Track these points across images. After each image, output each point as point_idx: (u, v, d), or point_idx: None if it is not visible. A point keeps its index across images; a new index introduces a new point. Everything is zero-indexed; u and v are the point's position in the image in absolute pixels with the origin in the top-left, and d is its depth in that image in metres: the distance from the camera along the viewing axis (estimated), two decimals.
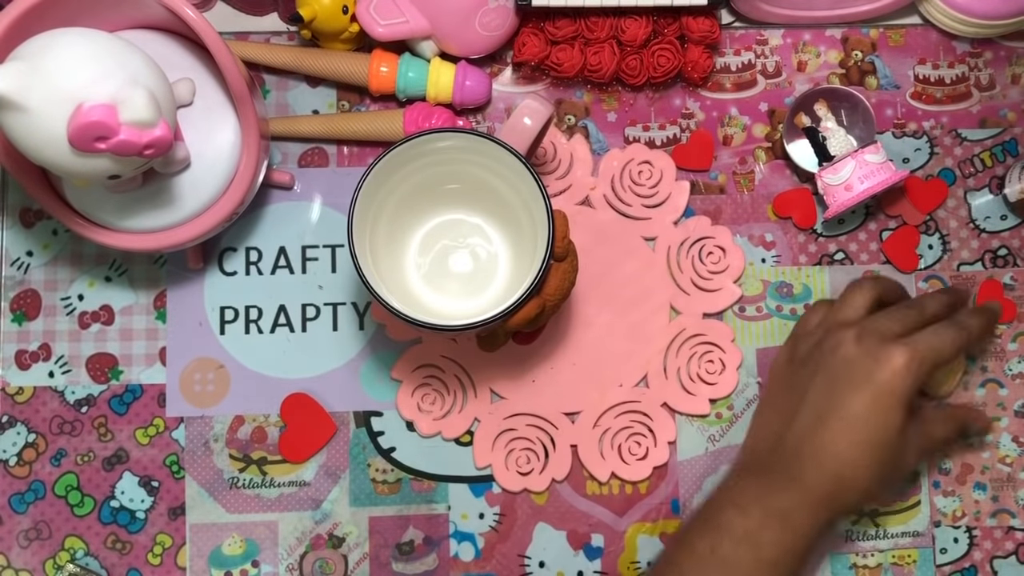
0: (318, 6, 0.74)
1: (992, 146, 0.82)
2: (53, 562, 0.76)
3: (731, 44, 0.82)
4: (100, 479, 0.77)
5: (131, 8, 0.69)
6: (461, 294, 0.74)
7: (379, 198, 0.69)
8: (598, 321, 0.79)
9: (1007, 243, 0.81)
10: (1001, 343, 0.80)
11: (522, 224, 0.71)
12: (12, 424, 0.77)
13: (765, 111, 0.82)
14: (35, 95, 0.56)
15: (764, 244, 0.80)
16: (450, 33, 0.77)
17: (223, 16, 0.81)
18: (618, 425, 0.78)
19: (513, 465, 0.78)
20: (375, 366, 0.79)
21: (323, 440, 0.78)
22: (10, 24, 0.63)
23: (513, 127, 0.67)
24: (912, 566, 0.78)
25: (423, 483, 0.78)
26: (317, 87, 0.81)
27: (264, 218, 0.80)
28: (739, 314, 0.80)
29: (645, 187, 0.80)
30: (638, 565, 0.78)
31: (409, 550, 0.77)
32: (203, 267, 0.79)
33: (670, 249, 0.80)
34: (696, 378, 0.79)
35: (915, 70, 0.82)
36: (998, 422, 0.80)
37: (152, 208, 0.70)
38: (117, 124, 0.57)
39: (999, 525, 0.79)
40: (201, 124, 0.71)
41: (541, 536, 0.78)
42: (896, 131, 0.82)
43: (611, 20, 0.78)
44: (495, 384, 0.78)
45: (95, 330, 0.78)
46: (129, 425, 0.78)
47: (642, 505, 0.78)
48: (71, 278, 0.79)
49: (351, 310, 0.79)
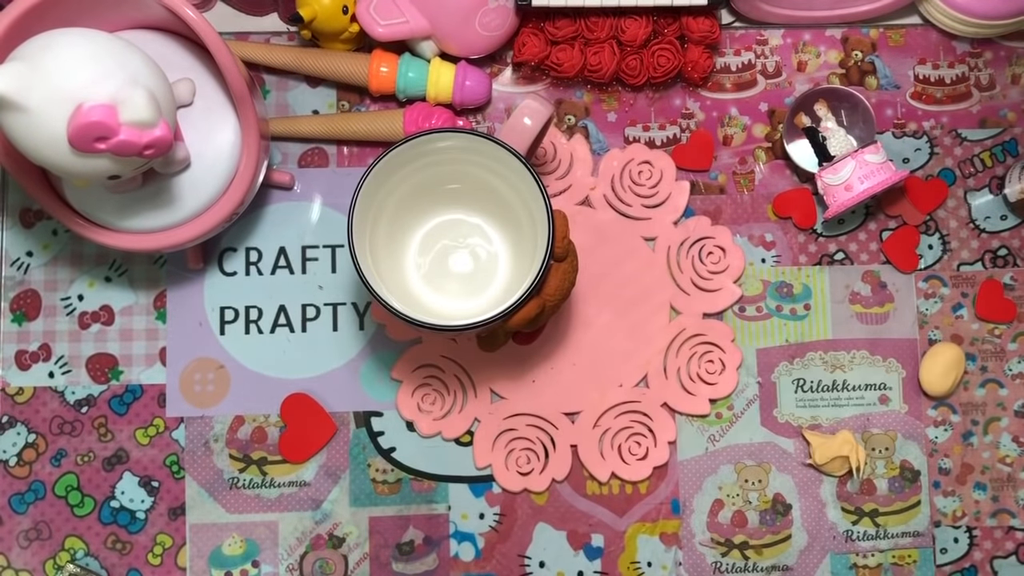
0: (318, 6, 0.74)
1: (992, 146, 0.82)
2: (53, 562, 0.76)
3: (731, 44, 0.82)
4: (100, 479, 0.77)
5: (131, 8, 0.69)
6: (461, 294, 0.74)
7: (379, 198, 0.69)
8: (598, 321, 0.79)
9: (1007, 243, 0.81)
10: (1001, 343, 0.80)
11: (522, 224, 0.71)
12: (12, 424, 0.77)
13: (765, 111, 0.82)
14: (35, 95, 0.56)
15: (764, 244, 0.80)
16: (450, 33, 0.77)
17: (223, 16, 0.81)
18: (618, 425, 0.78)
19: (513, 465, 0.78)
20: (375, 366, 0.79)
21: (323, 440, 0.78)
22: (10, 24, 0.63)
23: (513, 127, 0.67)
24: (912, 566, 0.78)
25: (423, 483, 0.78)
26: (317, 87, 0.81)
27: (264, 218, 0.80)
28: (739, 314, 0.80)
29: (645, 187, 0.80)
30: (638, 565, 0.78)
31: (409, 550, 0.77)
32: (203, 267, 0.79)
33: (670, 249, 0.80)
34: (696, 378, 0.79)
35: (915, 70, 0.82)
36: (998, 422, 0.80)
37: (152, 208, 0.70)
38: (117, 124, 0.57)
39: (999, 525, 0.79)
40: (201, 124, 0.71)
41: (541, 536, 0.78)
42: (896, 131, 0.82)
43: (611, 20, 0.78)
44: (495, 384, 0.78)
45: (95, 330, 0.78)
46: (129, 425, 0.78)
47: (642, 505, 0.78)
48: (71, 278, 0.79)
49: (351, 310, 0.79)
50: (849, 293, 0.80)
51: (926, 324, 0.80)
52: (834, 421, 0.79)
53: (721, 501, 0.78)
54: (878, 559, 0.78)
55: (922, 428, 0.79)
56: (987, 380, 0.80)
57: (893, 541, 0.78)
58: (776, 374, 0.79)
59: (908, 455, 0.79)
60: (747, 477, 0.78)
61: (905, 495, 0.79)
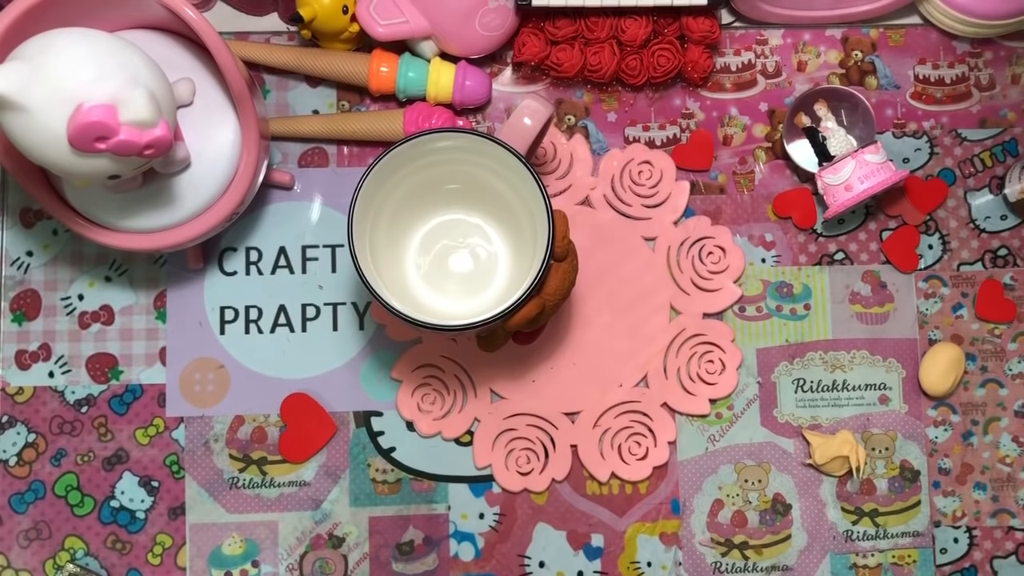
0: (318, 6, 0.74)
1: (992, 146, 0.82)
2: (53, 562, 0.76)
3: (731, 44, 0.82)
4: (100, 479, 0.77)
5: (131, 8, 0.69)
6: (461, 294, 0.74)
7: (379, 198, 0.69)
8: (598, 321, 0.79)
9: (1007, 243, 0.81)
10: (1001, 343, 0.80)
11: (522, 224, 0.71)
12: (12, 424, 0.77)
13: (765, 111, 0.82)
14: (35, 95, 0.56)
15: (764, 244, 0.80)
16: (450, 33, 0.77)
17: (223, 16, 0.81)
18: (618, 425, 0.78)
19: (513, 465, 0.78)
20: (375, 366, 0.79)
21: (323, 440, 0.78)
22: (10, 24, 0.63)
23: (513, 127, 0.67)
24: (912, 566, 0.78)
25: (423, 483, 0.78)
26: (317, 87, 0.81)
27: (264, 218, 0.80)
28: (739, 314, 0.80)
29: (645, 187, 0.80)
30: (638, 565, 0.78)
31: (409, 550, 0.77)
32: (203, 267, 0.79)
33: (670, 249, 0.80)
34: (696, 378, 0.79)
35: (915, 70, 0.82)
36: (998, 422, 0.80)
37: (152, 208, 0.70)
38: (117, 124, 0.57)
39: (999, 525, 0.79)
40: (201, 124, 0.71)
41: (541, 536, 0.78)
42: (896, 131, 0.82)
43: (611, 20, 0.78)
44: (495, 384, 0.78)
45: (95, 330, 0.78)
46: (129, 425, 0.78)
47: (642, 505, 0.78)
48: (71, 278, 0.79)
49: (351, 310, 0.79)
50: (849, 293, 0.80)
51: (926, 324, 0.80)
52: (834, 421, 0.79)
53: (721, 501, 0.78)
54: (878, 559, 0.78)
55: (922, 428, 0.79)
56: (987, 380, 0.80)
57: (893, 541, 0.78)
58: (776, 374, 0.79)
59: (908, 455, 0.79)
60: (747, 477, 0.78)
61: (905, 495, 0.79)
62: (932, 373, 0.78)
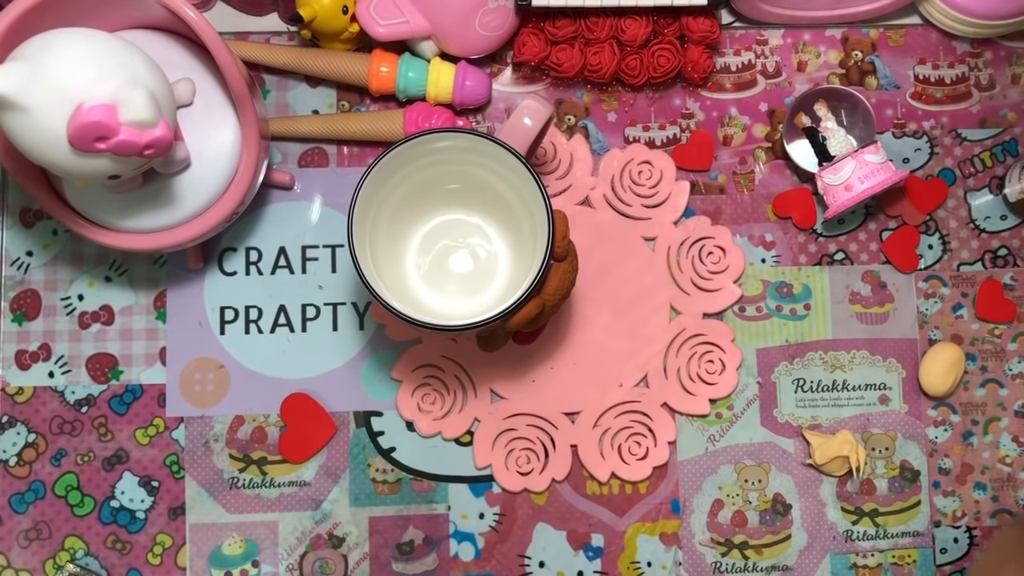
0: (318, 6, 0.74)
1: (992, 146, 0.82)
2: (53, 562, 0.76)
3: (731, 44, 0.82)
4: (100, 479, 0.77)
5: (131, 8, 0.69)
6: (461, 294, 0.74)
7: (379, 198, 0.69)
8: (598, 321, 0.79)
9: (1007, 243, 0.81)
10: (1001, 343, 0.80)
11: (522, 224, 0.71)
12: (12, 424, 0.77)
13: (765, 111, 0.82)
14: (35, 95, 0.56)
15: (764, 244, 0.80)
16: (450, 33, 0.77)
17: (223, 16, 0.81)
18: (618, 425, 0.78)
19: (513, 465, 0.78)
20: (375, 366, 0.79)
21: (323, 440, 0.78)
22: (10, 24, 0.63)
23: (513, 127, 0.67)
24: (912, 566, 0.78)
25: (423, 483, 0.78)
26: (317, 87, 0.81)
27: (264, 218, 0.80)
28: (739, 314, 0.80)
29: (645, 187, 0.80)
30: (638, 565, 0.78)
31: (409, 550, 0.77)
32: (203, 267, 0.79)
33: (670, 249, 0.80)
34: (696, 378, 0.79)
35: (915, 70, 0.82)
36: (998, 422, 0.80)
37: (152, 208, 0.70)
38: (117, 124, 0.57)
39: (999, 525, 0.79)
40: (201, 124, 0.71)
41: (541, 536, 0.78)
42: (896, 131, 0.82)
43: (611, 20, 0.78)
44: (495, 384, 0.78)
45: (95, 330, 0.78)
46: (129, 425, 0.78)
47: (642, 505, 0.78)
48: (71, 278, 0.79)
49: (351, 310, 0.79)
50: (849, 293, 0.80)
51: (926, 324, 0.80)
52: (834, 421, 0.79)
53: (721, 501, 0.78)
54: (878, 559, 0.78)
55: (922, 428, 0.79)
56: (987, 380, 0.80)
57: (893, 541, 0.78)
58: (776, 374, 0.79)
59: (908, 455, 0.79)
60: (747, 477, 0.78)
61: (905, 495, 0.79)
62: (932, 373, 0.78)
